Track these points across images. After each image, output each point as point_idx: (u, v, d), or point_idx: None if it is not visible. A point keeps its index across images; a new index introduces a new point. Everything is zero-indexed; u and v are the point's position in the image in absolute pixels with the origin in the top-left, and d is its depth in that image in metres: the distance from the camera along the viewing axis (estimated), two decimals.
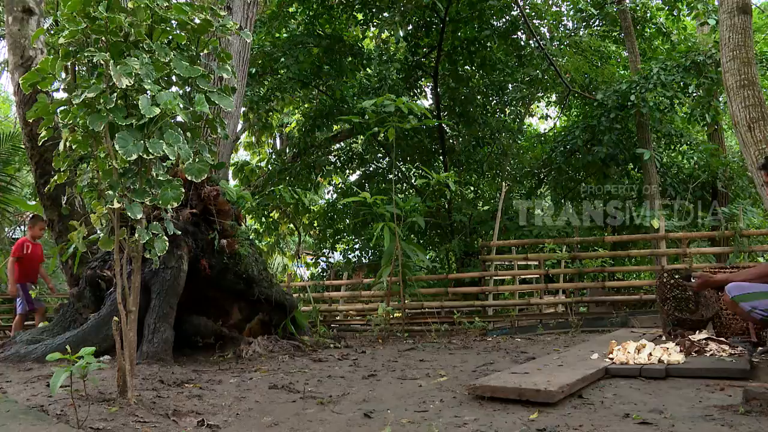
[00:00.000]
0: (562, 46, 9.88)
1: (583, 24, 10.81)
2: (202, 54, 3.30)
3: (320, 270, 11.23)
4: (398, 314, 6.42)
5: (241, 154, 14.42)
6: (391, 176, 7.59)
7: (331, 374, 3.31)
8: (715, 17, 8.65)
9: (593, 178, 10.30)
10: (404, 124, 5.89)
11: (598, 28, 10.88)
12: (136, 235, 2.62)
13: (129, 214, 2.55)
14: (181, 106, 2.69)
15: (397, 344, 4.77)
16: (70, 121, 2.65)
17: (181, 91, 2.94)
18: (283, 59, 8.57)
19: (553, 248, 6.68)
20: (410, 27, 9.11)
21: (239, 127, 12.39)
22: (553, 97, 11.59)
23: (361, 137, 10.32)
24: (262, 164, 11.67)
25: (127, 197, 2.59)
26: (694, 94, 8.75)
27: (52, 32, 2.64)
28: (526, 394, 2.56)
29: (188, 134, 2.86)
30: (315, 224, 11.83)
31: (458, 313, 6.22)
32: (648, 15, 10.44)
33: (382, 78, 8.53)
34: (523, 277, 7.96)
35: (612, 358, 3.39)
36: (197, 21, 2.89)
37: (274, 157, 11.60)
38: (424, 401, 2.68)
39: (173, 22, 2.89)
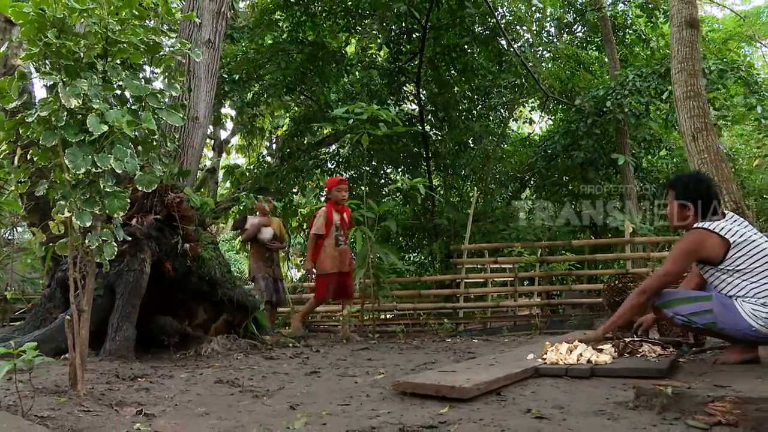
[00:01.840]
0: (544, 53, 10.08)
1: (566, 30, 11.00)
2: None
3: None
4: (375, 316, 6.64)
5: (234, 157, 14.76)
6: (368, 180, 7.80)
7: (277, 371, 3.53)
8: None
9: (574, 181, 10.49)
10: (376, 130, 6.11)
11: (580, 34, 11.08)
12: (86, 241, 2.86)
13: (78, 222, 2.79)
14: (140, 123, 2.94)
15: (358, 344, 4.99)
16: (29, 136, 2.90)
17: (141, 109, 3.18)
18: (268, 65, 8.82)
19: (521, 252, 6.89)
20: (392, 34, 9.35)
21: (229, 131, 12.80)
22: (536, 103, 11.81)
23: (345, 141, 10.57)
24: (252, 167, 11.95)
25: (77, 207, 2.82)
26: (670, 100, 8.90)
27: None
28: (442, 391, 2.75)
29: (140, 148, 3.10)
30: (304, 227, 12.07)
31: (425, 315, 6.43)
32: (628, 22, 10.62)
33: (365, 84, 8.75)
34: (499, 280, 8.17)
35: (545, 359, 3.58)
36: (148, 42, 3.12)
37: (263, 160, 11.86)
38: (352, 396, 2.89)
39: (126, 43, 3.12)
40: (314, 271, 5.89)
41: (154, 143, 3.17)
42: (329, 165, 11.11)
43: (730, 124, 9.52)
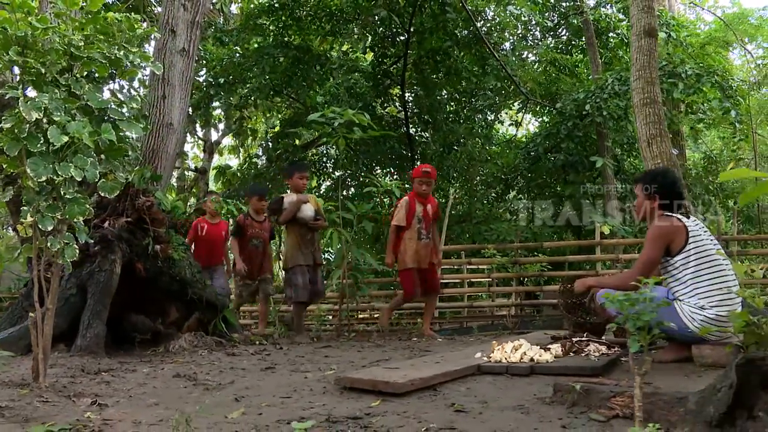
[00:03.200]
0: (529, 56, 10.24)
1: (550, 34, 11.16)
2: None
3: None
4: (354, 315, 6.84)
5: (227, 158, 15.04)
6: (357, 181, 8.00)
7: (234, 366, 3.73)
8: (666, 30, 9.03)
9: (557, 183, 10.65)
10: (351, 134, 6.31)
11: (565, 38, 11.23)
12: (48, 244, 3.07)
13: (40, 226, 2.99)
14: (102, 133, 3.15)
15: (327, 342, 5.20)
16: None
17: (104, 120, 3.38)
18: (255, 68, 9.04)
19: (492, 253, 7.06)
20: (376, 38, 9.54)
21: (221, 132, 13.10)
22: (519, 106, 11.98)
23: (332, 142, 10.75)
24: (242, 168, 12.20)
25: (40, 212, 3.03)
26: None
27: None
28: (378, 386, 2.94)
29: (102, 156, 3.30)
30: None
31: (396, 315, 6.61)
32: (611, 26, 10.77)
33: (349, 87, 8.96)
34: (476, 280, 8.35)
35: (491, 357, 3.75)
36: (112, 57, 3.32)
37: (251, 161, 12.09)
38: (296, 390, 3.08)
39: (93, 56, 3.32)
40: (395, 265, 5.56)
41: (120, 151, 3.38)
42: (318, 166, 11.32)
43: (706, 128, 9.65)
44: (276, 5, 9.16)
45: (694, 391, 2.49)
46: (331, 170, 11.62)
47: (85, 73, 3.35)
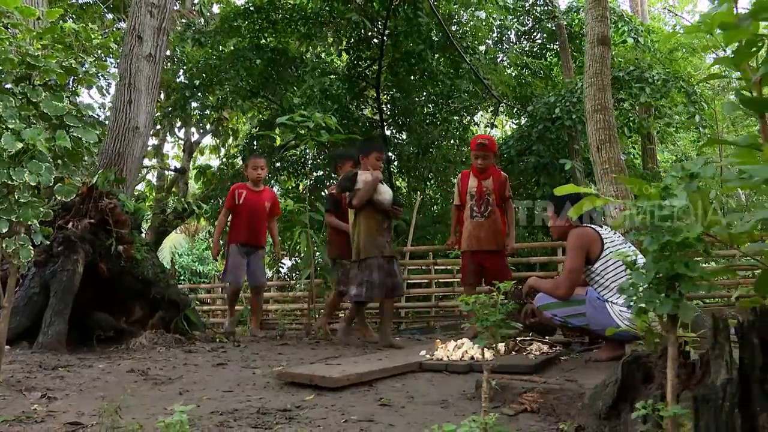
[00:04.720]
0: (503, 60, 10.44)
1: (525, 37, 11.37)
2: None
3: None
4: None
5: (212, 158, 15.19)
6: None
7: (188, 362, 3.89)
8: (633, 36, 9.27)
9: (529, 185, 10.87)
10: (320, 137, 6.47)
11: (539, 42, 11.44)
12: (3, 245, 3.22)
13: None
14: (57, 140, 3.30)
15: (286, 340, 5.36)
16: None
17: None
18: (232, 71, 9.18)
19: (458, 253, 7.23)
20: (351, 41, 9.71)
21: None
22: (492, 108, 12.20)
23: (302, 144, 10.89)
24: (222, 168, 12.34)
25: None
26: (620, 108, 9.30)
27: None
28: (315, 380, 3.11)
29: (59, 162, 3.45)
30: None
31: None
32: (584, 30, 10.98)
33: (324, 89, 9.12)
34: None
35: (434, 355, 3.94)
36: (68, 66, 3.47)
37: (230, 161, 12.22)
38: (239, 385, 3.25)
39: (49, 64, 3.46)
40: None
41: (77, 156, 3.53)
42: (296, 167, 11.47)
43: (675, 131, 9.87)
44: (251, 8, 9.31)
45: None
46: (309, 170, 11.78)
47: (45, 81, 3.50)
